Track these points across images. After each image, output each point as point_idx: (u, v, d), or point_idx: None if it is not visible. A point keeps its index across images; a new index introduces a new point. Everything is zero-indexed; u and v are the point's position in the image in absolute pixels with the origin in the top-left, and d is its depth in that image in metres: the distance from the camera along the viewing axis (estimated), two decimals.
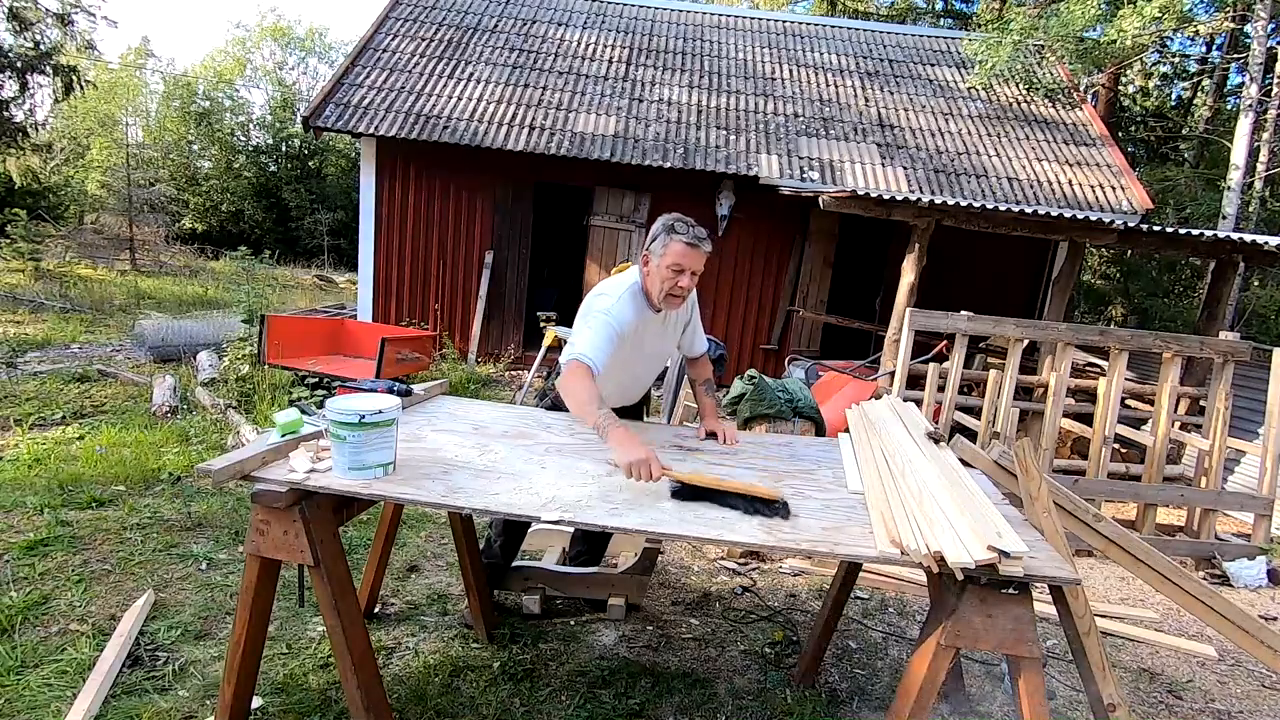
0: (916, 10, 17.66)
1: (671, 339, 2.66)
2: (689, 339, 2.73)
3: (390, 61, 8.73)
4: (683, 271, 2.32)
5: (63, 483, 3.79)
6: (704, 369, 2.76)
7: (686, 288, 2.36)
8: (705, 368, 2.76)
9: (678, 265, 2.31)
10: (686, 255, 2.30)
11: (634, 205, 8.28)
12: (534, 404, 3.02)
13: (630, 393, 2.80)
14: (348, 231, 20.17)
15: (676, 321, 2.62)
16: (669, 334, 2.62)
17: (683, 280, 2.34)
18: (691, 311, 2.66)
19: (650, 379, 2.83)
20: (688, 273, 2.33)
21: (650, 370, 2.76)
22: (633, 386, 2.77)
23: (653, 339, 2.56)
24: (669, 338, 2.64)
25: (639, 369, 2.67)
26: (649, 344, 2.56)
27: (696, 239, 2.31)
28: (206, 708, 2.22)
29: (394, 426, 1.89)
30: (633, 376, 2.69)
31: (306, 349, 6.09)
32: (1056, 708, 2.71)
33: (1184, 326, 11.49)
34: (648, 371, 2.75)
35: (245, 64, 26.01)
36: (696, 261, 2.33)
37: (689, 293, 2.42)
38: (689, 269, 2.32)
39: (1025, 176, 8.32)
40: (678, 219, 2.35)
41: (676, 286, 2.35)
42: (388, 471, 1.89)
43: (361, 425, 1.80)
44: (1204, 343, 4.47)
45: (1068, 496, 2.35)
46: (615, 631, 2.93)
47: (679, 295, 2.37)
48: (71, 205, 19.32)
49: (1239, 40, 12.85)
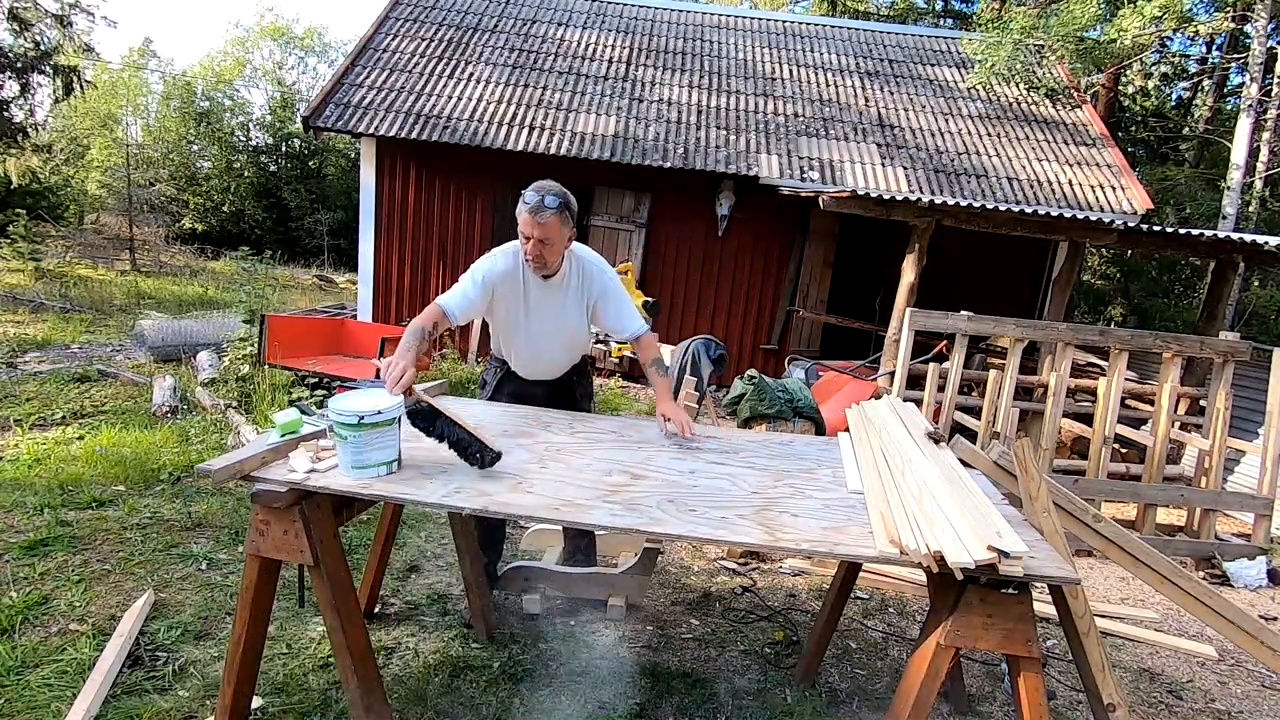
0: (916, 10, 17.66)
1: (576, 313, 2.65)
2: (612, 319, 2.69)
3: (390, 61, 8.73)
4: (529, 238, 2.42)
5: (63, 483, 3.78)
6: (647, 350, 2.71)
7: (533, 253, 2.44)
8: (648, 349, 2.70)
9: (524, 232, 2.43)
10: (528, 223, 2.40)
11: (634, 205, 8.28)
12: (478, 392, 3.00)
13: (540, 359, 2.75)
14: (348, 231, 20.16)
15: (580, 294, 2.63)
16: (570, 306, 2.63)
17: (529, 246, 2.44)
18: (604, 291, 2.65)
19: (560, 351, 2.76)
20: (533, 239, 2.41)
21: (557, 340, 2.70)
22: (538, 352, 2.72)
23: (549, 305, 2.61)
24: (571, 311, 2.64)
25: (535, 331, 2.65)
26: (545, 309, 2.61)
27: (539, 206, 2.38)
28: (206, 708, 2.22)
29: (395, 426, 1.89)
30: (531, 339, 2.67)
31: (306, 349, 6.09)
32: (1056, 708, 2.71)
33: (1184, 326, 11.50)
34: (552, 339, 2.69)
35: (245, 64, 26.01)
36: (539, 229, 2.39)
37: (542, 258, 2.46)
38: (534, 236, 2.41)
39: (1025, 176, 8.31)
40: (534, 186, 2.44)
41: (527, 251, 2.45)
42: (391, 470, 1.90)
43: (360, 426, 1.81)
44: (1204, 343, 4.47)
45: (1067, 496, 2.35)
46: (615, 631, 2.92)
47: (530, 259, 2.47)
48: (71, 205, 19.32)
49: (1239, 40, 12.85)
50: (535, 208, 2.38)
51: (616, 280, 2.72)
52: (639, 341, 2.72)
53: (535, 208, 2.38)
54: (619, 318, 2.70)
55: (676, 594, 3.34)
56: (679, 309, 8.51)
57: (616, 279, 2.73)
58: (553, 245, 2.45)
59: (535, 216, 2.38)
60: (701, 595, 3.34)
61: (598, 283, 2.65)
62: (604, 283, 2.66)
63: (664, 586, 3.40)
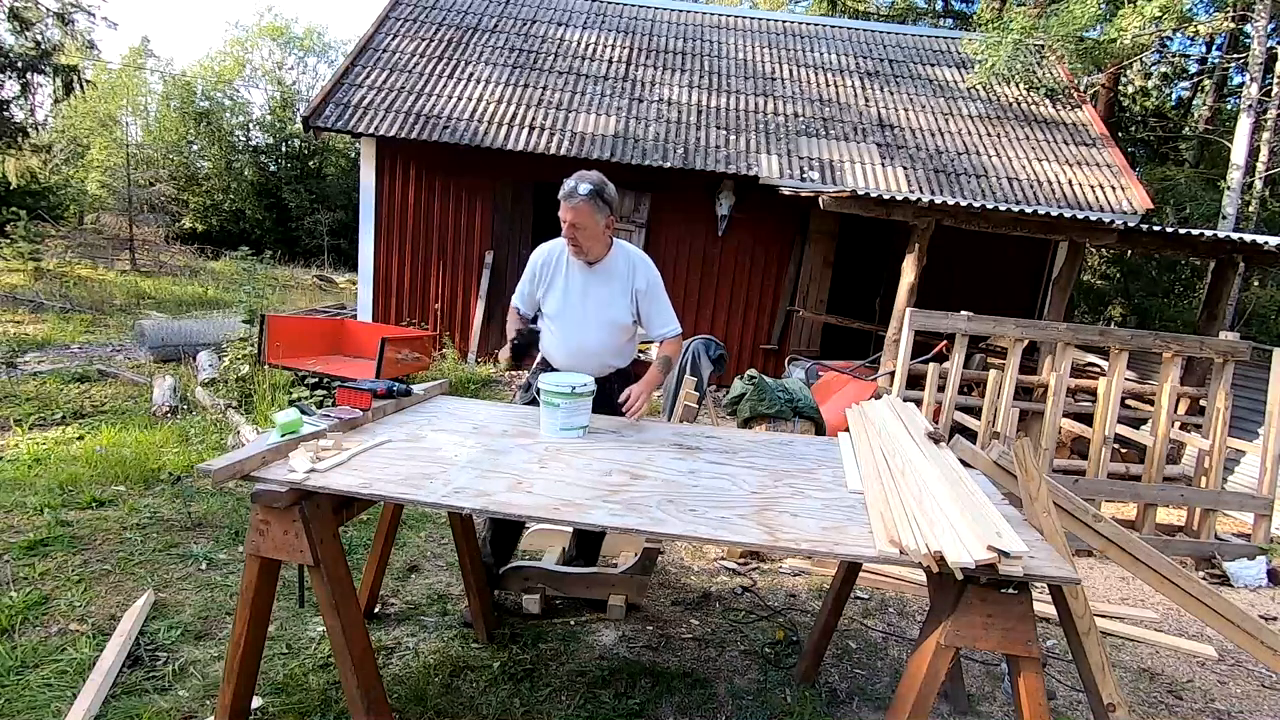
0: (916, 10, 17.65)
1: (621, 300, 2.74)
2: (650, 316, 2.80)
3: (390, 61, 8.73)
4: (566, 223, 2.58)
5: (63, 483, 3.78)
6: (667, 347, 2.86)
7: (568, 237, 2.61)
8: (668, 346, 2.86)
9: (562, 217, 2.58)
10: (563, 208, 2.56)
11: (634, 205, 8.28)
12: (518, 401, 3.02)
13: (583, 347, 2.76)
14: (348, 231, 20.16)
15: (626, 282, 2.73)
16: (615, 293, 2.73)
17: (565, 231, 2.60)
18: (649, 286, 2.76)
19: (603, 337, 2.77)
20: (568, 224, 2.57)
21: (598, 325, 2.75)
22: (580, 338, 2.75)
23: (594, 290, 2.73)
24: (616, 297, 2.73)
25: (577, 315, 2.74)
26: (588, 293, 2.73)
27: (572, 192, 2.53)
28: (206, 708, 2.22)
29: (589, 399, 2.41)
30: (572, 323, 2.75)
31: (306, 349, 6.08)
32: (1056, 708, 2.71)
33: (1184, 326, 11.49)
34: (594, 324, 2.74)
35: (244, 64, 26.01)
36: (572, 213, 2.54)
37: (577, 243, 2.61)
38: (570, 221, 2.56)
39: (1025, 176, 8.31)
40: (574, 175, 2.60)
41: (566, 236, 2.62)
42: (585, 433, 2.39)
43: (574, 395, 2.32)
44: (1204, 343, 4.47)
45: (1067, 496, 2.35)
46: (615, 631, 2.93)
47: (571, 244, 2.63)
48: (71, 205, 19.31)
49: (1239, 40, 12.85)
50: (569, 193, 2.53)
51: (660, 280, 2.83)
52: (664, 344, 2.84)
53: (569, 193, 2.53)
54: (657, 315, 2.81)
55: (676, 594, 3.34)
56: (679, 309, 8.29)
57: (660, 280, 2.83)
58: (587, 230, 2.57)
59: (568, 201, 2.53)
60: (701, 595, 3.34)
61: (643, 275, 2.75)
62: (650, 277, 2.77)
63: (664, 586, 3.40)
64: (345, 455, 1.98)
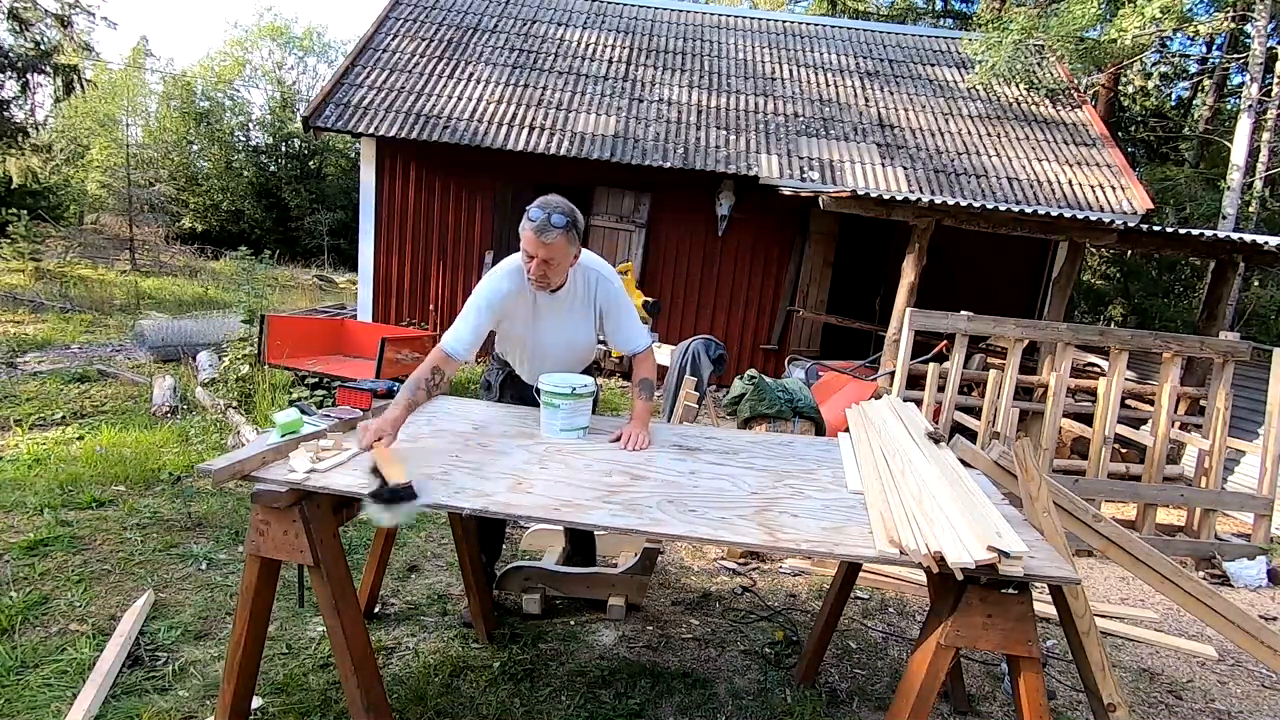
0: (916, 10, 17.64)
1: (584, 323, 2.58)
2: (613, 333, 2.63)
3: (390, 61, 8.73)
4: (533, 258, 2.30)
5: (63, 483, 3.78)
6: (641, 367, 2.65)
7: (536, 273, 2.33)
8: (643, 366, 2.65)
9: (528, 250, 2.31)
10: (532, 242, 2.27)
11: (634, 205, 8.28)
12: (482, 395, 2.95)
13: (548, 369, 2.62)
14: (348, 231, 20.16)
15: (585, 307, 2.56)
16: (577, 318, 2.56)
17: (532, 266, 2.32)
18: (609, 303, 2.58)
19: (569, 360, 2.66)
20: (537, 259, 2.30)
21: (565, 350, 2.63)
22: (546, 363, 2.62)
23: (555, 318, 2.53)
24: (578, 323, 2.57)
25: (543, 343, 2.59)
26: (551, 322, 2.53)
27: (545, 225, 2.24)
28: (206, 708, 2.22)
29: (590, 399, 2.40)
30: (538, 351, 2.61)
31: (306, 349, 6.08)
32: (1056, 708, 2.71)
33: (1184, 326, 11.49)
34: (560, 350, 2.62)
35: (244, 64, 26.01)
36: (544, 249, 2.27)
37: (545, 278, 2.36)
38: (537, 255, 2.29)
39: (1025, 176, 8.31)
40: (540, 203, 2.31)
41: (530, 270, 2.34)
42: (586, 433, 2.39)
43: (574, 395, 2.31)
44: (1204, 343, 4.47)
45: (1067, 496, 2.35)
46: (615, 631, 2.93)
47: (534, 279, 2.35)
48: (71, 205, 19.32)
49: (1239, 40, 12.85)
50: (541, 227, 2.25)
51: (622, 290, 2.65)
52: (635, 358, 2.67)
53: (541, 227, 2.25)
54: (621, 332, 2.63)
55: (676, 594, 3.34)
56: (679, 309, 8.51)
57: (622, 288, 2.65)
58: (558, 265, 2.34)
59: (541, 237, 2.25)
60: (701, 595, 3.34)
61: (603, 291, 2.56)
62: (609, 291, 2.58)
63: (664, 586, 3.40)
64: (345, 455, 1.98)
